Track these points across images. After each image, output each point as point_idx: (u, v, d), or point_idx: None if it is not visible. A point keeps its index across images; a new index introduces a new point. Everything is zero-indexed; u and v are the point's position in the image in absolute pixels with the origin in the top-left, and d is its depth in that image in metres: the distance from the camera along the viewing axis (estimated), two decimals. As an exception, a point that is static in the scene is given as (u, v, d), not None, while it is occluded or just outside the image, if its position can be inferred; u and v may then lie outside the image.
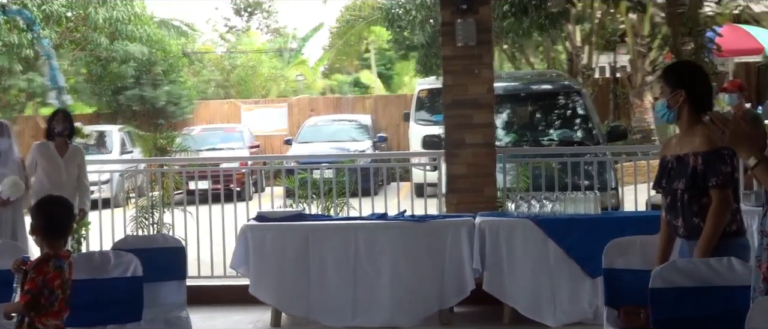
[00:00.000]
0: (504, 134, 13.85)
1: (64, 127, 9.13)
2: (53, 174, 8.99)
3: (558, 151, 11.88)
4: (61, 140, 9.15)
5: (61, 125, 9.13)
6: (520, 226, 8.07)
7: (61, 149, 9.15)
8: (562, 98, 14.74)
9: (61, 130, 9.12)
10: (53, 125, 9.15)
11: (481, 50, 9.23)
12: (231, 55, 40.91)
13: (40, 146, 9.17)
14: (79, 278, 5.50)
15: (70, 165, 9.13)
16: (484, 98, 9.27)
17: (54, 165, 9.04)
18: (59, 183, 8.87)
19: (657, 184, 5.53)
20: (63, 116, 9.30)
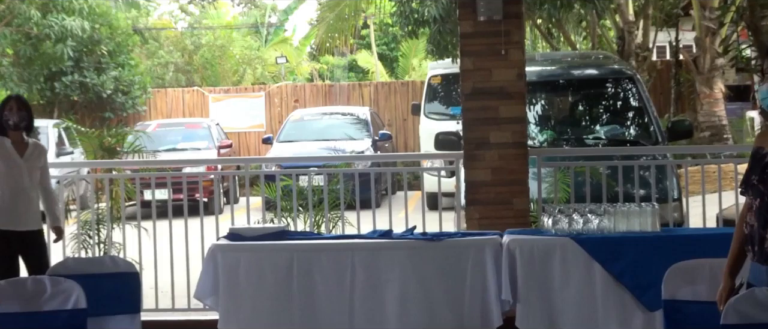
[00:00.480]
0: (538, 131, 13.86)
1: (20, 117, 8.78)
2: (12, 179, 8.72)
3: (606, 152, 11.88)
4: (16, 135, 8.84)
5: (16, 115, 8.77)
6: (559, 247, 8.07)
7: (18, 147, 8.85)
8: (611, 86, 14.74)
9: (17, 121, 8.78)
10: (5, 115, 8.77)
11: (509, 26, 9.24)
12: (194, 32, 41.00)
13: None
14: (5, 311, 5.51)
15: (33, 167, 8.90)
16: (513, 85, 9.28)
17: (13, 167, 8.75)
18: (20, 190, 8.74)
19: (745, 183, 5.48)
20: (17, 103, 8.88)
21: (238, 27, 43.36)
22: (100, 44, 28.97)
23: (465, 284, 8.18)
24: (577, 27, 27.38)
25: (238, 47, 39.76)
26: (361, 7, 30.28)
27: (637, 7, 24.57)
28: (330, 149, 18.73)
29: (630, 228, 8.09)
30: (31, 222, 8.82)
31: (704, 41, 23.31)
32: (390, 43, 43.23)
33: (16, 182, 8.74)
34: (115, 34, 29.82)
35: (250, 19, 46.30)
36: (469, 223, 9.43)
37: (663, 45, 29.47)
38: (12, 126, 8.81)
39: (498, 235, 8.33)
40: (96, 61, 29.10)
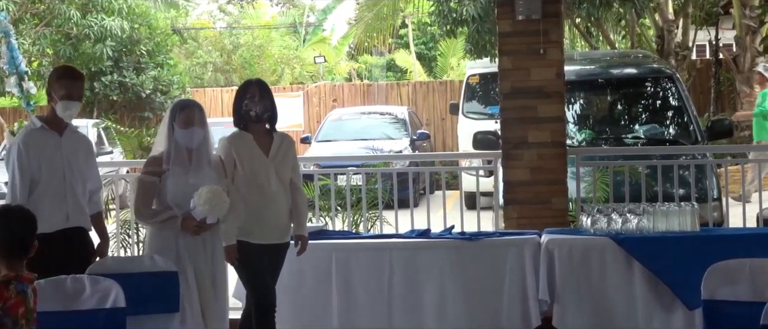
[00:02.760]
0: (577, 130, 13.83)
1: (263, 107, 7.70)
2: (256, 182, 7.63)
3: (645, 152, 11.85)
4: (259, 127, 7.78)
5: (259, 104, 7.71)
6: (599, 246, 8.06)
7: (262, 142, 7.76)
8: (651, 85, 14.70)
9: (260, 112, 7.71)
10: (246, 104, 7.70)
11: (548, 25, 9.24)
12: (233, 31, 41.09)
13: (237, 138, 7.74)
14: (45, 309, 5.54)
15: (281, 166, 7.76)
16: (551, 85, 9.28)
17: (257, 168, 7.65)
18: (267, 195, 7.65)
19: None
20: (259, 90, 7.79)
21: (276, 27, 43.40)
22: (139, 44, 29.08)
23: (503, 284, 8.19)
24: (616, 26, 27.25)
25: (277, 47, 39.81)
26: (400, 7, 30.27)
27: (677, 5, 24.44)
28: (368, 148, 18.73)
29: (669, 228, 8.08)
30: (283, 232, 7.76)
31: (744, 40, 23.16)
32: (428, 43, 43.17)
33: (261, 186, 7.60)
34: (154, 34, 29.92)
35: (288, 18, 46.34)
36: (507, 223, 9.43)
37: (703, 44, 29.31)
38: (254, 118, 7.69)
39: (536, 235, 8.34)
40: (135, 61, 29.22)
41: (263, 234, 7.59)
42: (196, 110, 7.41)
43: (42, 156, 7.33)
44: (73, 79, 7.51)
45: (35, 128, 7.43)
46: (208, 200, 7.03)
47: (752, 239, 7.74)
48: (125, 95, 29.01)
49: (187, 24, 41.31)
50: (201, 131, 7.34)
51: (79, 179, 7.49)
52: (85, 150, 7.69)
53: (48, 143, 7.39)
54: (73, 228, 7.39)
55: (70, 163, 7.41)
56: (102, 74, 28.65)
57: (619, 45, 27.38)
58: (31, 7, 27.05)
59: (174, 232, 7.23)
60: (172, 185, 7.24)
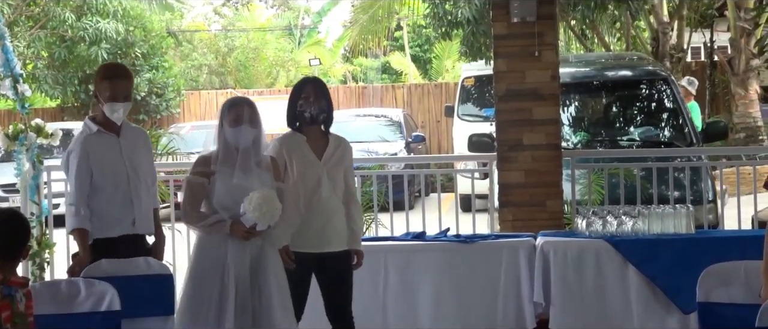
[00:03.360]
0: (572, 132, 13.84)
1: (318, 108, 7.25)
2: (309, 187, 7.20)
3: (640, 154, 11.85)
4: (314, 130, 7.34)
5: (314, 104, 7.26)
6: (594, 249, 8.07)
7: (317, 146, 7.34)
8: (646, 88, 14.71)
9: (316, 113, 7.27)
10: (300, 105, 7.27)
11: (543, 27, 9.24)
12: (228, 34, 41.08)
13: (289, 139, 7.32)
14: (41, 313, 5.53)
15: (335, 171, 7.32)
16: (546, 87, 9.28)
17: (309, 173, 7.22)
18: (319, 201, 7.21)
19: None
20: (315, 89, 7.35)
21: (271, 29, 43.40)
22: (134, 47, 29.05)
23: (498, 286, 8.20)
24: (611, 28, 27.29)
25: (272, 49, 39.84)
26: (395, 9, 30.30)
27: (672, 8, 24.49)
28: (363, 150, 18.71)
29: (664, 230, 8.09)
30: (332, 241, 7.25)
31: (739, 42, 23.22)
32: (423, 45, 43.19)
33: (313, 191, 7.19)
34: (149, 36, 29.90)
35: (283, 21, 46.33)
36: (502, 225, 9.43)
37: (698, 46, 29.34)
38: (309, 119, 7.27)
39: (532, 237, 8.34)
40: (130, 63, 29.12)
41: (311, 243, 7.16)
42: (246, 107, 6.91)
43: (103, 161, 7.08)
44: (117, 78, 7.21)
45: (91, 132, 7.14)
46: (258, 206, 6.54)
47: (747, 242, 7.73)
48: (120, 97, 29.00)
49: (182, 26, 41.28)
50: (251, 129, 6.84)
51: (143, 180, 7.25)
52: (143, 145, 7.42)
53: (107, 147, 7.13)
54: (137, 235, 7.17)
55: (132, 165, 7.18)
56: (97, 77, 28.63)
57: (614, 47, 27.40)
58: (25, 10, 27.05)
59: (222, 237, 6.70)
60: (219, 186, 6.79)
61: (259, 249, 6.76)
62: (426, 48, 42.79)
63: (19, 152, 9.62)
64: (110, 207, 7.02)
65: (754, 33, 23.34)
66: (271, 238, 6.84)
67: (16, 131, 9.72)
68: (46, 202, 9.87)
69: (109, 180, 7.06)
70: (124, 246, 6.99)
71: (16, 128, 9.73)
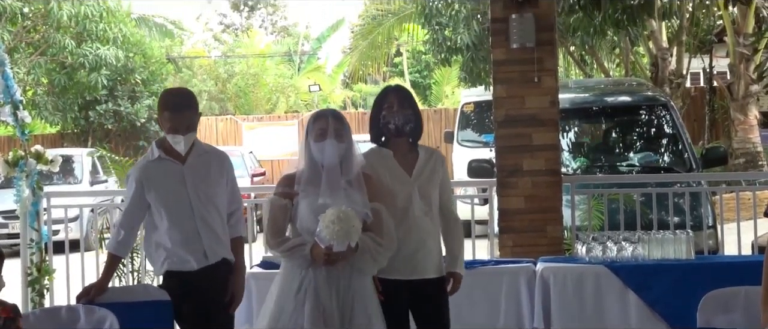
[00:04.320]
0: (572, 158, 13.84)
1: (404, 118, 6.63)
2: (399, 206, 6.53)
3: (640, 180, 11.84)
4: (401, 143, 6.74)
5: (399, 114, 6.64)
6: (593, 274, 8.04)
7: (405, 160, 6.71)
8: (645, 113, 14.71)
9: (401, 124, 6.64)
10: (383, 116, 6.69)
11: (542, 53, 9.24)
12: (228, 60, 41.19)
13: (373, 155, 6.74)
14: (41, 339, 5.53)
15: (427, 186, 6.69)
16: (546, 112, 9.27)
17: (399, 190, 6.59)
18: (411, 221, 6.56)
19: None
20: (398, 98, 6.72)
21: (271, 55, 43.50)
22: (134, 73, 29.14)
23: (498, 312, 8.17)
24: (611, 54, 27.36)
25: (272, 75, 39.92)
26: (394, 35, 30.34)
27: (671, 33, 24.53)
28: (363, 176, 18.75)
29: (664, 256, 8.06)
30: (428, 266, 6.60)
31: (738, 68, 23.24)
32: (423, 71, 43.30)
33: (403, 211, 6.53)
34: (149, 62, 30.01)
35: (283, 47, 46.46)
36: (502, 251, 9.41)
37: (697, 72, 29.42)
38: (393, 131, 6.66)
39: (532, 263, 8.31)
40: (130, 90, 29.28)
41: (403, 268, 6.48)
42: (331, 120, 6.29)
43: (162, 191, 6.70)
44: (177, 110, 6.70)
45: (152, 159, 6.79)
46: (330, 223, 5.86)
47: (747, 267, 7.70)
48: (120, 123, 29.07)
49: (182, 53, 41.40)
50: (337, 144, 6.24)
51: (213, 208, 6.77)
52: (217, 170, 6.89)
53: (168, 175, 6.73)
54: (216, 264, 6.75)
55: (198, 194, 6.71)
56: (97, 103, 28.71)
57: (614, 73, 27.45)
58: (26, 37, 27.10)
59: (303, 262, 6.11)
60: (303, 208, 6.19)
61: (348, 277, 6.11)
62: (425, 74, 42.90)
63: (19, 178, 9.60)
64: (174, 239, 6.64)
65: (753, 59, 23.36)
66: (362, 265, 6.13)
67: (15, 157, 9.70)
68: (45, 228, 9.86)
69: (170, 211, 6.67)
70: (204, 279, 6.66)
71: (15, 155, 9.71)
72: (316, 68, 43.33)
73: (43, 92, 28.34)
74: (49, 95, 28.31)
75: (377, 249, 6.10)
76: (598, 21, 17.07)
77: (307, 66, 43.67)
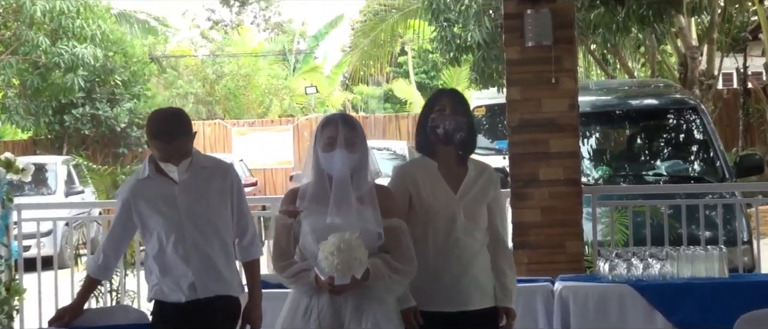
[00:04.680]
0: (593, 166, 13.83)
1: (455, 124, 6.32)
2: (442, 229, 6.27)
3: (668, 190, 11.83)
4: (448, 153, 6.43)
5: (450, 119, 6.32)
6: (617, 294, 8.02)
7: (452, 175, 6.38)
8: (673, 117, 14.71)
9: (451, 130, 6.33)
10: (433, 120, 6.40)
11: (560, 52, 9.24)
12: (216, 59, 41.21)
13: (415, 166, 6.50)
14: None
15: (474, 206, 6.38)
16: (564, 117, 9.26)
17: (444, 208, 6.28)
18: (456, 244, 6.27)
19: None
20: (452, 102, 6.43)
21: (263, 54, 43.54)
22: (113, 74, 29.15)
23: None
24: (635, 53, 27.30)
25: (264, 76, 39.96)
26: (399, 33, 30.31)
27: (701, 30, 24.51)
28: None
29: (695, 274, 8.05)
30: (473, 297, 6.28)
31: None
32: (429, 72, 43.34)
33: (446, 233, 6.23)
34: (130, 62, 30.01)
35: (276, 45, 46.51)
36: (517, 268, 9.36)
37: (730, 72, 29.42)
38: (442, 137, 6.33)
39: (549, 281, 8.30)
40: (109, 92, 29.28)
41: (444, 299, 6.19)
42: (341, 126, 5.97)
43: (150, 213, 6.48)
44: (168, 142, 6.39)
45: (142, 177, 6.56)
46: (331, 255, 5.61)
47: (786, 287, 7.71)
48: (98, 129, 29.07)
49: (166, 51, 41.44)
50: (348, 154, 5.92)
51: (211, 233, 6.49)
52: (218, 188, 6.57)
53: (158, 195, 6.49)
54: (209, 299, 6.45)
55: (191, 217, 6.44)
56: (73, 106, 28.70)
57: (638, 74, 27.44)
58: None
59: (308, 289, 5.86)
60: (306, 228, 5.91)
61: (358, 305, 5.82)
62: (432, 75, 42.94)
63: (-13, 189, 9.58)
64: (161, 267, 6.44)
65: (791, 58, 23.40)
66: (375, 293, 5.84)
67: (17, 169, 9.71)
68: (15, 244, 9.84)
69: (158, 235, 6.46)
70: (196, 313, 6.39)
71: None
72: (312, 68, 43.42)
73: (14, 94, 28.34)
74: (20, 97, 28.31)
75: (392, 275, 5.82)
76: (622, 17, 17.09)
77: (303, 66, 43.75)
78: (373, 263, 5.77)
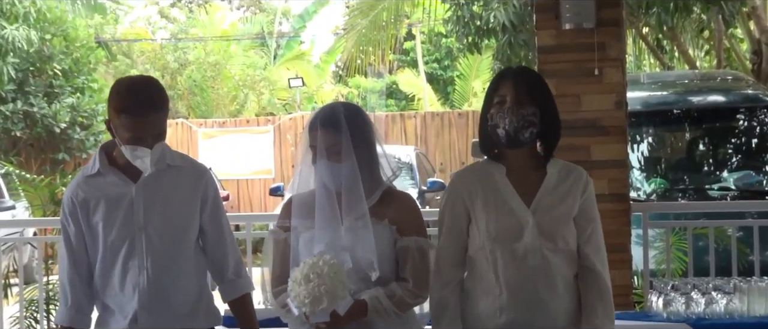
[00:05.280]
0: (644, 179, 13.86)
1: (521, 120, 5.75)
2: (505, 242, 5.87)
3: (737, 208, 11.87)
4: (521, 154, 5.98)
5: (515, 113, 5.77)
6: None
7: (521, 177, 5.97)
8: (744, 118, 14.73)
9: (512, 130, 5.77)
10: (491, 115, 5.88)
11: (605, 37, 9.27)
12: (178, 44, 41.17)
13: (476, 172, 6.13)
14: None
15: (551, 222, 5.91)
16: (609, 117, 9.30)
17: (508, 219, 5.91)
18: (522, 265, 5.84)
19: None
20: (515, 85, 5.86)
21: (237, 38, 43.54)
22: (51, 61, 29.11)
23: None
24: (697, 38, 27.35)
25: (238, 65, 39.93)
26: (404, 12, 30.32)
27: (779, 10, 24.54)
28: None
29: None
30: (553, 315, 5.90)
31: None
32: (443, 60, 43.36)
33: (512, 254, 5.86)
34: (73, 47, 29.95)
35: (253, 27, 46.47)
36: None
37: (814, 62, 29.43)
38: (504, 140, 5.88)
39: (590, 319, 8.32)
40: (46, 84, 29.24)
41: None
42: (320, 132, 5.82)
43: (99, 218, 6.05)
44: (140, 114, 5.93)
45: (90, 173, 6.14)
46: (298, 284, 5.50)
47: None
48: (32, 129, 29.02)
49: (116, 34, 41.44)
50: (332, 165, 5.79)
51: (177, 253, 6.11)
52: (188, 194, 6.17)
53: (110, 198, 6.07)
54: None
55: (149, 230, 6.04)
56: (2, 102, 28.65)
57: (701, 64, 27.45)
58: None
59: (300, 325, 5.79)
60: (304, 248, 5.82)
61: None
62: (446, 64, 42.94)
63: None
64: (108, 293, 6.09)
65: None
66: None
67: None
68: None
69: (105, 246, 6.05)
70: None
71: None
72: (298, 55, 43.40)
73: (-71, 86, 28.42)
74: (-65, 90, 28.39)
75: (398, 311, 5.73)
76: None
77: (286, 52, 43.73)
78: (374, 295, 5.66)
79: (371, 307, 5.60)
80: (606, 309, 5.92)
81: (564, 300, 5.82)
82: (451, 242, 5.95)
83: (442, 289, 5.94)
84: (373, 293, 5.64)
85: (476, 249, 5.85)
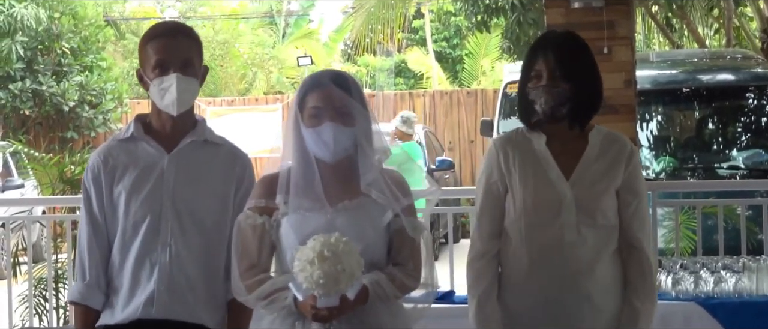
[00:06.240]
0: (653, 157, 13.85)
1: (559, 95, 5.62)
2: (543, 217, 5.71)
3: (746, 186, 11.85)
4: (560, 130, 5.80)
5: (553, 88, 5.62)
6: (683, 314, 8.06)
7: (562, 149, 5.78)
8: (754, 97, 14.72)
9: (552, 105, 5.62)
10: (530, 89, 5.75)
11: (614, 15, 9.26)
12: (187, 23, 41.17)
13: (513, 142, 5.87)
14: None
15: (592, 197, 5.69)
16: (618, 96, 9.27)
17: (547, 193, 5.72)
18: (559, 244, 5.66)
19: None
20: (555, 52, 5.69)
21: (246, 16, 43.53)
22: (60, 40, 29.08)
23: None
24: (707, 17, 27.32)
25: (247, 44, 39.92)
26: (413, -11, 30.31)
27: (790, -11, 24.51)
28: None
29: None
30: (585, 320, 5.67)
31: None
32: (452, 38, 43.29)
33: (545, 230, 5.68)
34: (81, 26, 29.91)
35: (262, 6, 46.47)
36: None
37: (824, 41, 29.37)
38: (542, 115, 5.71)
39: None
40: (55, 62, 29.22)
41: (542, 321, 5.70)
42: (335, 90, 5.32)
43: (126, 183, 5.71)
44: (169, 36, 5.79)
45: (123, 138, 5.85)
46: (309, 264, 4.99)
47: None
48: (41, 108, 29.00)
49: (125, 13, 41.45)
50: (342, 129, 5.29)
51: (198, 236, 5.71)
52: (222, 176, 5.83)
53: (139, 164, 5.75)
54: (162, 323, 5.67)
55: (176, 205, 5.69)
56: (10, 80, 28.63)
57: (711, 43, 27.42)
58: None
59: (288, 317, 5.25)
60: (289, 229, 5.31)
61: None
62: (455, 43, 42.89)
63: None
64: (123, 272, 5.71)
65: None
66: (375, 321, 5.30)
67: None
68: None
69: (127, 215, 5.70)
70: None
71: None
72: (306, 34, 43.35)
73: (-63, 65, 28.42)
74: (-57, 71, 28.39)
75: (399, 295, 5.38)
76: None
77: (294, 31, 43.70)
78: (374, 279, 5.20)
79: (372, 292, 5.15)
80: (647, 290, 5.68)
81: (599, 277, 5.59)
82: (487, 212, 5.77)
83: (479, 260, 5.84)
84: (373, 277, 5.18)
85: (511, 221, 5.66)
